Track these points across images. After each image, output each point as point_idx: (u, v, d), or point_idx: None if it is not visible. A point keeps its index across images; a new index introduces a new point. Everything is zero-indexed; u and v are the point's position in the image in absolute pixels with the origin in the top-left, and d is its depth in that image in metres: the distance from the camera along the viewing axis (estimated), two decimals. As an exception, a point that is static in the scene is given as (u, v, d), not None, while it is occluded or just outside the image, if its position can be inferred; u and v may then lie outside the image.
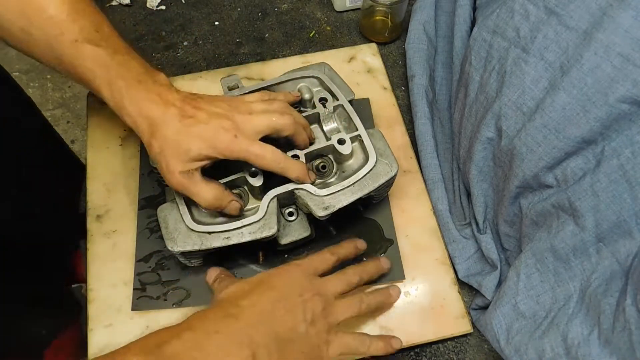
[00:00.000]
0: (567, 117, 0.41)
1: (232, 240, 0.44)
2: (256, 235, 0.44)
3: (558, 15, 0.43)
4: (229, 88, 0.53)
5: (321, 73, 0.53)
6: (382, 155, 0.48)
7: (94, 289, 0.51)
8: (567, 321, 0.41)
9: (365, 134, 0.49)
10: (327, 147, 0.49)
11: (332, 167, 0.50)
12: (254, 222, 0.45)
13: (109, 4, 0.73)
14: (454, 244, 0.52)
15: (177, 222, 0.45)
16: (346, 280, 0.46)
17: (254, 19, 0.71)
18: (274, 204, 0.46)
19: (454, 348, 0.49)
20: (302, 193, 0.46)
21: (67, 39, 0.42)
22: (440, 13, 0.64)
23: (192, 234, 0.44)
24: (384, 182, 0.47)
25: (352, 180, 0.46)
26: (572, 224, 0.41)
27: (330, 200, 0.46)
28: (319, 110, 0.51)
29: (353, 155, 0.49)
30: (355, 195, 0.46)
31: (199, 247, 0.44)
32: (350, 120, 0.50)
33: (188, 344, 0.37)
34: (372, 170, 0.47)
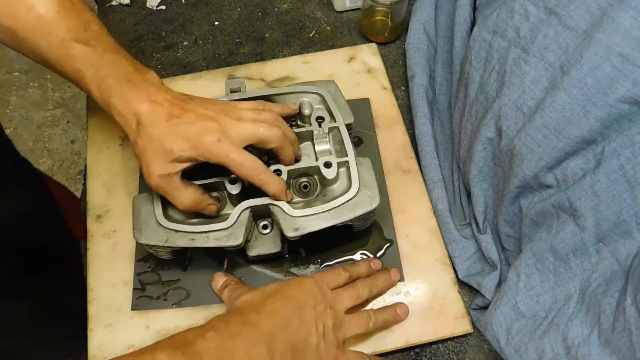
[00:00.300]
0: (567, 117, 0.41)
1: (196, 243, 0.44)
2: (220, 242, 0.44)
3: (558, 15, 0.43)
4: (231, 90, 0.53)
5: (325, 91, 0.52)
6: (366, 187, 0.47)
7: (94, 289, 0.51)
8: (567, 321, 0.41)
9: (353, 162, 0.47)
10: (313, 167, 0.48)
11: (315, 188, 0.49)
12: (221, 230, 0.44)
13: (109, 4, 0.73)
14: (454, 244, 0.52)
15: (149, 214, 0.45)
16: (356, 294, 0.47)
17: (254, 19, 0.71)
18: (245, 215, 0.45)
19: (454, 348, 0.49)
20: (276, 210, 0.45)
21: (56, 38, 0.42)
22: (440, 13, 0.64)
23: (159, 229, 0.44)
24: (361, 214, 0.45)
25: (328, 206, 0.45)
26: (572, 224, 0.41)
27: (302, 222, 0.45)
28: (314, 129, 0.50)
29: (338, 180, 0.48)
30: (328, 222, 0.45)
31: (163, 243, 0.44)
32: (343, 144, 0.49)
33: (212, 344, 0.38)
34: (352, 200, 0.46)
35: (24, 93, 1.67)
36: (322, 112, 0.51)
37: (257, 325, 0.40)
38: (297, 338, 0.41)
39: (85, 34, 0.43)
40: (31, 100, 1.66)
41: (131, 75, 0.43)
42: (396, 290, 0.51)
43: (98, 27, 0.44)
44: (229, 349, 0.38)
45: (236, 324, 0.40)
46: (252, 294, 0.44)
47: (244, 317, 0.41)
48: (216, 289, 0.49)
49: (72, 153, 1.58)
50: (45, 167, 1.55)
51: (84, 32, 0.43)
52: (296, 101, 0.52)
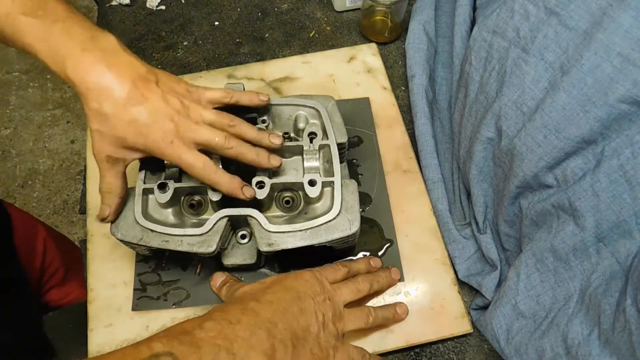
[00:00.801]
0: (567, 117, 0.41)
1: (169, 245, 0.44)
2: (193, 248, 0.44)
3: (558, 15, 0.43)
4: None
5: (322, 107, 0.51)
6: (347, 210, 0.46)
7: (94, 289, 0.51)
8: (567, 321, 0.41)
9: (339, 183, 0.46)
10: (298, 183, 0.47)
11: (299, 204, 0.48)
12: (195, 235, 0.44)
13: (109, 4, 0.73)
14: (454, 244, 0.52)
15: (128, 209, 0.45)
16: (356, 288, 0.47)
17: (254, 19, 0.71)
18: (222, 223, 0.44)
19: (454, 348, 0.49)
20: (253, 222, 0.45)
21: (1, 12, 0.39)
22: (440, 13, 0.64)
23: (136, 227, 0.44)
24: (338, 238, 0.45)
25: (306, 225, 0.45)
26: (572, 224, 0.41)
27: (277, 238, 0.44)
28: (304, 144, 0.49)
29: (321, 200, 0.48)
30: (303, 242, 0.44)
31: (137, 241, 0.44)
32: (332, 164, 0.48)
33: (211, 333, 0.38)
34: (331, 222, 0.45)
35: (24, 93, 1.67)
36: (316, 128, 0.50)
37: (257, 313, 0.40)
38: (297, 326, 0.41)
39: (30, 3, 0.39)
40: (31, 100, 1.66)
41: (86, 44, 0.39)
42: (396, 290, 0.51)
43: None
44: (229, 337, 0.38)
45: (235, 313, 0.40)
46: (251, 286, 0.44)
47: (243, 305, 0.41)
48: (215, 287, 0.49)
49: (72, 153, 1.58)
50: (45, 167, 1.55)
51: (28, 1, 0.39)
52: (293, 113, 0.51)
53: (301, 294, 0.43)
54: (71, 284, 0.80)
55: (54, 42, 0.39)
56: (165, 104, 0.41)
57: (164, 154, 0.42)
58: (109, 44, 0.41)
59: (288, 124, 0.52)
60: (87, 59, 0.39)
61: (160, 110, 0.41)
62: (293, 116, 0.52)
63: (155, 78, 0.42)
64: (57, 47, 0.39)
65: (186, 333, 0.38)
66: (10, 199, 1.50)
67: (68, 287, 0.79)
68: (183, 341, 0.36)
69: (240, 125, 0.45)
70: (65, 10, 0.41)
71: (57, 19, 0.40)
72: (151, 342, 0.36)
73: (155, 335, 0.38)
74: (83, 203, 0.57)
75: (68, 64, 0.39)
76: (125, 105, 0.40)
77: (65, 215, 1.48)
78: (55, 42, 0.39)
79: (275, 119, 0.52)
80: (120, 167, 0.43)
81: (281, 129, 0.52)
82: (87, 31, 0.40)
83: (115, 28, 0.71)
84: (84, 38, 0.40)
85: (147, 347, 0.35)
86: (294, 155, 0.50)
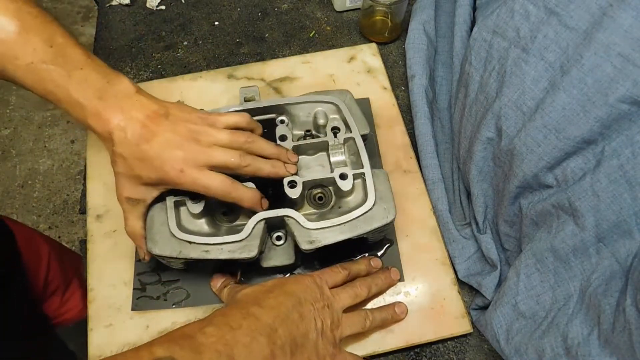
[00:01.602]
0: (567, 117, 0.41)
1: (210, 254, 0.44)
2: (235, 254, 0.44)
3: (558, 15, 0.43)
4: (245, 99, 0.53)
5: (340, 101, 0.51)
6: (382, 199, 0.46)
7: (94, 289, 0.51)
8: (567, 321, 0.41)
9: (369, 174, 0.47)
10: (328, 178, 0.47)
11: (330, 200, 0.49)
12: (235, 242, 0.44)
13: (109, 4, 0.73)
14: (454, 244, 0.52)
15: (162, 224, 0.45)
16: (354, 293, 0.47)
17: (254, 19, 0.71)
18: (260, 227, 0.45)
19: (454, 348, 0.49)
20: (291, 222, 0.45)
21: (22, 62, 0.41)
22: (440, 13, 0.64)
23: (173, 240, 0.44)
24: (377, 227, 0.45)
25: (344, 219, 0.45)
26: (572, 224, 0.41)
27: (317, 234, 0.44)
28: (329, 140, 0.49)
29: (353, 192, 0.48)
30: (343, 235, 0.44)
31: (177, 254, 0.44)
32: (358, 156, 0.48)
33: (212, 338, 0.38)
34: (367, 213, 0.45)
35: (24, 93, 1.67)
36: (338, 123, 0.50)
37: (258, 318, 0.40)
38: (296, 332, 0.41)
39: (51, 50, 0.41)
40: (31, 100, 1.66)
41: (102, 92, 0.42)
42: (396, 290, 0.51)
43: (63, 39, 0.42)
44: (229, 343, 0.38)
45: (236, 318, 0.40)
46: (252, 289, 0.45)
47: (244, 310, 0.41)
48: (215, 288, 0.49)
49: (72, 153, 1.58)
50: (45, 167, 1.55)
51: (49, 49, 0.41)
52: (311, 110, 0.52)
53: (301, 299, 0.43)
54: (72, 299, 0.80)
55: (73, 90, 0.41)
56: (174, 135, 0.42)
57: (178, 183, 0.42)
58: (123, 88, 0.42)
59: (307, 122, 0.52)
60: (103, 106, 0.41)
61: (168, 142, 0.42)
62: (312, 113, 0.52)
63: (165, 112, 0.43)
64: (76, 97, 0.41)
65: (187, 338, 0.38)
66: (10, 199, 1.50)
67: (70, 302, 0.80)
68: (184, 346, 0.37)
69: (257, 141, 0.45)
70: (83, 56, 0.42)
71: (75, 66, 0.42)
72: (152, 346, 0.36)
73: (156, 340, 0.38)
74: (83, 203, 0.57)
75: (87, 113, 0.41)
76: (137, 144, 0.41)
77: (65, 215, 1.48)
78: (74, 91, 0.41)
79: (293, 117, 0.52)
80: (141, 207, 0.45)
81: (301, 127, 0.52)
82: (103, 77, 0.42)
83: (115, 28, 0.71)
84: (100, 85, 0.42)
85: (148, 352, 0.36)
86: (319, 151, 0.50)
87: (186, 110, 0.44)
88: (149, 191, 0.44)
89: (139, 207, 0.44)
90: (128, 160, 0.42)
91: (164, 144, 0.41)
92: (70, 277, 0.81)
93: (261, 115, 0.51)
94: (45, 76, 0.41)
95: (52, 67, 0.41)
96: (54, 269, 0.77)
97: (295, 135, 0.52)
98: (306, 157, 0.51)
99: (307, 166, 0.50)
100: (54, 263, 0.77)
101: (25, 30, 0.41)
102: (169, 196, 0.45)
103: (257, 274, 0.50)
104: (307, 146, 0.50)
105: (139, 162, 0.41)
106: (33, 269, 0.72)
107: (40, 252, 0.75)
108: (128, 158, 0.41)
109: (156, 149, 0.41)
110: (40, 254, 0.75)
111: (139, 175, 0.42)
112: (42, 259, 0.75)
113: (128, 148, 0.41)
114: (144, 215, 0.45)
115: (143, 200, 0.44)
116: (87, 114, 0.41)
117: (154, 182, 0.43)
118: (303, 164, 0.50)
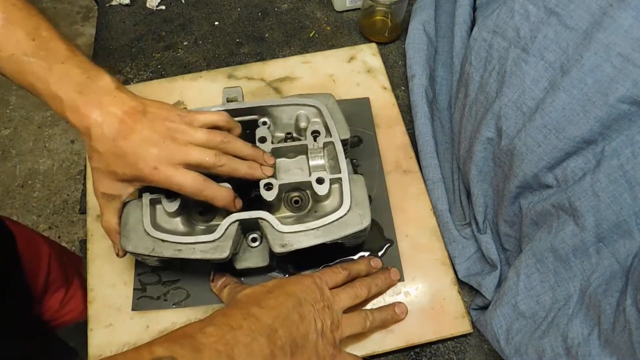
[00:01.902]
0: (567, 117, 0.41)
1: (182, 253, 0.43)
2: (207, 255, 0.43)
3: (558, 15, 0.43)
4: (227, 99, 0.52)
5: (323, 105, 0.51)
6: (357, 205, 0.46)
7: (94, 289, 0.51)
8: (567, 321, 0.41)
9: (346, 179, 0.46)
10: (306, 182, 0.47)
11: (307, 203, 0.49)
12: (207, 242, 0.44)
13: (109, 4, 0.73)
14: (454, 244, 0.52)
15: (137, 222, 0.45)
16: (354, 294, 0.47)
17: (254, 19, 0.71)
18: (233, 228, 0.44)
19: (454, 348, 0.49)
20: (265, 224, 0.45)
21: (5, 54, 0.41)
22: (440, 13, 0.64)
23: (146, 238, 0.44)
24: (351, 233, 0.45)
25: (317, 223, 0.44)
26: (572, 224, 0.41)
27: (290, 238, 0.44)
28: (308, 143, 0.49)
29: (330, 197, 0.48)
30: (317, 240, 0.44)
31: (149, 252, 0.43)
32: (337, 160, 0.48)
33: (212, 338, 0.38)
34: (342, 218, 0.45)
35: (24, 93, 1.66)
36: (319, 126, 0.50)
37: (259, 319, 0.41)
38: (297, 333, 0.41)
39: (33, 44, 0.41)
40: (31, 100, 1.66)
41: (82, 86, 0.41)
42: (396, 290, 0.51)
43: (47, 32, 0.42)
44: (230, 343, 0.38)
45: (237, 318, 0.40)
46: (252, 289, 0.45)
47: (245, 310, 0.41)
48: (215, 288, 0.49)
49: (72, 153, 1.58)
50: (45, 167, 1.55)
51: (32, 42, 0.41)
52: (293, 113, 0.51)
53: (302, 300, 0.43)
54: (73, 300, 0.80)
55: (53, 84, 0.41)
56: (151, 132, 0.42)
57: (152, 180, 0.42)
58: (103, 84, 0.42)
59: (289, 124, 0.52)
60: (81, 100, 0.41)
61: (144, 139, 0.41)
62: (294, 116, 0.51)
63: (143, 109, 0.43)
64: (56, 90, 0.41)
65: (187, 337, 0.38)
66: (10, 199, 1.50)
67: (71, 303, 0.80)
68: (184, 345, 0.37)
69: (234, 142, 0.45)
70: (66, 50, 0.42)
71: (57, 60, 0.41)
72: (152, 345, 0.36)
73: (157, 339, 0.38)
74: (83, 203, 0.57)
75: (65, 107, 0.41)
76: (114, 140, 0.41)
77: (65, 215, 1.48)
78: (54, 84, 0.41)
79: (275, 120, 0.52)
80: (116, 203, 0.44)
81: (282, 130, 0.52)
82: (84, 72, 0.42)
83: (115, 28, 0.71)
84: (81, 80, 0.41)
85: (148, 351, 0.36)
86: (298, 154, 0.50)
87: (165, 108, 0.44)
88: (124, 187, 0.44)
89: (115, 203, 0.44)
90: (104, 155, 0.41)
91: (140, 141, 0.41)
92: (71, 278, 0.81)
93: (244, 116, 0.50)
94: (26, 68, 0.41)
95: (33, 60, 0.41)
96: (54, 269, 0.77)
97: (277, 137, 0.52)
98: (286, 160, 0.50)
99: (286, 169, 0.50)
100: (54, 264, 0.77)
101: (9, 22, 0.41)
102: (145, 193, 0.46)
103: (231, 275, 0.50)
104: (286, 149, 0.49)
105: (114, 158, 0.41)
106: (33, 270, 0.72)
107: (40, 253, 0.75)
108: (104, 154, 0.41)
109: (132, 146, 0.41)
110: (41, 255, 0.75)
111: (114, 171, 0.42)
112: (43, 260, 0.75)
113: (104, 144, 0.41)
114: (119, 211, 0.45)
115: (118, 196, 0.44)
116: (66, 108, 0.41)
117: (129, 179, 0.43)
118: (282, 167, 0.50)
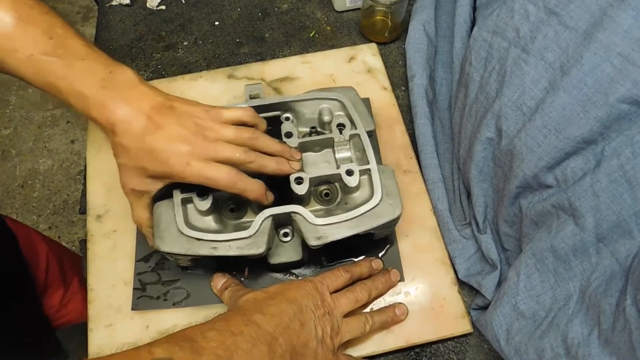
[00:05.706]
0: (567, 117, 0.41)
1: (218, 251, 0.43)
2: (243, 251, 0.44)
3: (558, 15, 0.43)
4: (250, 96, 0.53)
5: (345, 98, 0.51)
6: (389, 195, 0.46)
7: (94, 289, 0.51)
8: (567, 321, 0.41)
9: (375, 170, 0.47)
10: (335, 175, 0.47)
11: (336, 196, 0.49)
12: (243, 238, 0.44)
13: (109, 4, 0.73)
14: (454, 244, 0.52)
15: (170, 222, 0.45)
16: (355, 298, 0.47)
17: (254, 19, 0.71)
18: (267, 223, 0.44)
19: (454, 348, 0.49)
20: (298, 218, 0.45)
21: (22, 55, 0.40)
22: (440, 13, 0.64)
23: (181, 237, 0.44)
24: (384, 223, 0.45)
25: (351, 214, 0.45)
26: (572, 224, 0.41)
27: (324, 230, 0.44)
28: (334, 136, 0.49)
29: (360, 189, 0.48)
30: (351, 231, 0.44)
31: (185, 251, 0.43)
32: (364, 152, 0.48)
33: (213, 342, 0.38)
34: (374, 209, 0.45)
35: (24, 93, 1.67)
36: (343, 119, 0.50)
37: (260, 326, 0.40)
38: (297, 341, 0.41)
39: (51, 42, 0.40)
40: (31, 100, 1.66)
41: (106, 82, 0.41)
42: (396, 291, 0.51)
43: (63, 30, 0.41)
44: (230, 348, 0.38)
45: (238, 324, 0.40)
46: (254, 294, 0.44)
47: (246, 317, 0.41)
48: (216, 289, 0.49)
49: (72, 153, 1.58)
50: (45, 167, 1.55)
51: (49, 40, 0.40)
52: (316, 107, 0.52)
53: (303, 307, 0.43)
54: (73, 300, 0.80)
55: (75, 81, 0.40)
56: (180, 128, 0.41)
57: (184, 177, 0.42)
58: (126, 78, 0.42)
59: (312, 119, 0.52)
60: (106, 96, 0.40)
61: (175, 135, 0.41)
62: (317, 110, 0.52)
63: (170, 104, 0.42)
64: (79, 87, 0.40)
65: (188, 340, 0.38)
66: (10, 199, 1.50)
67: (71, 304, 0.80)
68: (184, 348, 0.37)
69: (262, 138, 0.45)
70: (84, 47, 0.42)
71: (77, 57, 0.41)
72: (152, 346, 0.36)
73: (157, 341, 0.38)
74: (83, 203, 0.57)
75: (90, 104, 0.40)
76: (143, 136, 0.40)
77: (65, 215, 1.48)
78: (77, 82, 0.40)
79: (298, 114, 0.52)
80: (146, 199, 0.44)
81: (306, 124, 0.52)
82: (105, 67, 0.41)
83: (115, 28, 0.71)
84: (103, 75, 0.41)
85: (147, 352, 0.36)
86: (324, 148, 0.51)
87: (191, 103, 0.44)
88: (153, 183, 0.43)
89: (144, 199, 0.44)
90: (132, 151, 0.41)
91: (170, 137, 0.41)
92: (71, 278, 0.81)
93: (266, 112, 0.51)
94: (45, 68, 0.40)
95: (52, 59, 0.40)
96: (52, 269, 0.77)
97: (301, 132, 0.52)
98: (312, 154, 0.51)
99: (313, 163, 0.50)
100: (52, 263, 0.77)
101: (23, 21, 0.40)
102: (176, 192, 0.45)
103: (265, 271, 0.50)
104: (312, 143, 0.50)
105: (143, 154, 0.41)
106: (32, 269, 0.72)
107: (38, 251, 0.75)
108: (132, 150, 0.41)
109: (162, 142, 0.41)
110: (39, 254, 0.75)
111: (144, 168, 0.41)
112: (41, 259, 0.75)
113: (132, 140, 0.40)
114: (149, 206, 0.45)
115: (148, 192, 0.44)
116: (90, 105, 0.40)
117: (159, 175, 0.42)
118: (309, 161, 0.50)
